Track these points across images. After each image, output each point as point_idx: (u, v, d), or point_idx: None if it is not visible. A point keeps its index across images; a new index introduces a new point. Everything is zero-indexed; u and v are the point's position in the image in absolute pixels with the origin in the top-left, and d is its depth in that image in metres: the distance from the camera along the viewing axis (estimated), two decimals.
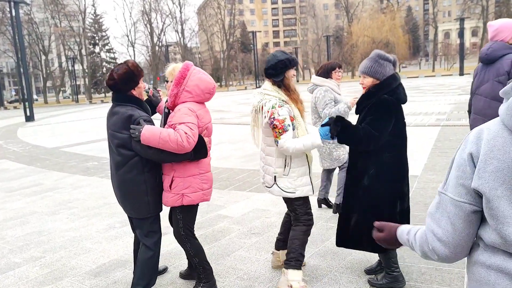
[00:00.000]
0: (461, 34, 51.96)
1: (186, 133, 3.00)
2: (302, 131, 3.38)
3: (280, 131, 3.25)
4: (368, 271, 3.71)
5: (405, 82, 3.43)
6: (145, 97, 3.48)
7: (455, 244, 1.38)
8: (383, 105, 3.20)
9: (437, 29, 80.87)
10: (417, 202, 5.39)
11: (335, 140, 3.31)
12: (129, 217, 3.44)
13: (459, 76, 46.80)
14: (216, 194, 6.51)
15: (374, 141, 3.15)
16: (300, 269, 3.47)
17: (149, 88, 3.61)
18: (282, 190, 3.42)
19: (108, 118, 3.24)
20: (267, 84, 3.43)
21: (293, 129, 3.33)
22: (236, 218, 5.42)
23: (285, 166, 3.39)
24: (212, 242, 4.63)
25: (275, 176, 3.42)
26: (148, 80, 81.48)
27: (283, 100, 3.32)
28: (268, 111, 3.28)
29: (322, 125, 3.24)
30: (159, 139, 2.97)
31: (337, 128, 3.17)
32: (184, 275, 3.85)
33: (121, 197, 3.27)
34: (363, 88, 3.36)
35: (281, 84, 3.37)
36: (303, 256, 3.51)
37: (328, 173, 5.48)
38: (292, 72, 3.41)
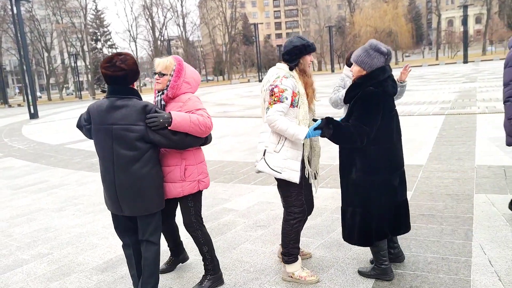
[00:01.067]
0: (464, 22, 51.45)
1: (208, 117, 3.23)
2: (303, 113, 3.32)
3: (275, 99, 3.20)
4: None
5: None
6: None
7: None
8: (370, 98, 3.16)
9: (440, 17, 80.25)
10: (423, 192, 5.37)
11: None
12: (125, 219, 3.24)
13: (463, 64, 46.48)
14: (221, 188, 6.52)
15: (366, 135, 3.13)
16: (296, 260, 3.50)
17: None
18: (269, 165, 3.32)
19: (108, 112, 2.99)
20: (280, 63, 3.44)
21: (294, 106, 3.27)
22: (241, 211, 5.43)
23: (278, 142, 3.31)
24: (217, 236, 4.64)
25: (265, 150, 3.35)
26: (150, 75, 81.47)
27: (291, 74, 3.31)
28: (274, 81, 3.27)
29: (315, 129, 3.16)
30: (189, 123, 3.06)
31: (330, 131, 3.11)
32: (163, 270, 3.86)
33: (133, 195, 3.04)
34: (352, 76, 3.38)
35: (296, 68, 3.36)
36: (298, 248, 3.53)
37: None
38: (308, 58, 3.38)
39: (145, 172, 3.04)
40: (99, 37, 68.46)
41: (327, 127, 3.12)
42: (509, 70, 3.67)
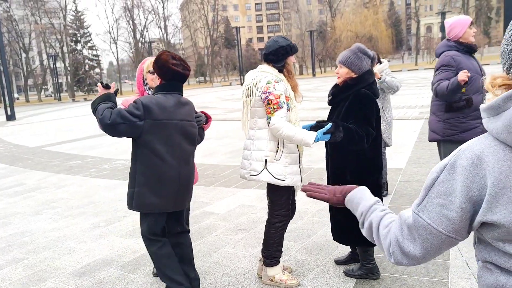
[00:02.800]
0: (442, 28, 52.43)
1: None
2: (294, 116, 3.31)
3: (274, 107, 3.14)
4: (338, 262, 3.80)
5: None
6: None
7: (422, 261, 1.27)
8: (368, 100, 3.22)
9: (419, 23, 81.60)
10: (402, 195, 5.43)
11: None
12: (171, 215, 3.26)
13: None
14: (202, 191, 6.48)
15: (370, 137, 3.20)
16: (278, 264, 3.50)
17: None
18: (273, 175, 3.27)
19: (176, 108, 3.06)
20: (264, 65, 3.35)
21: (287, 110, 3.24)
22: (222, 214, 5.40)
23: (277, 150, 3.27)
24: (198, 239, 4.61)
25: (266, 160, 3.28)
26: (131, 77, 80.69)
27: (280, 78, 3.26)
28: (263, 86, 3.19)
29: (324, 133, 3.13)
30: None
31: (341, 133, 3.11)
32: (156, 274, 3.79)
33: (190, 187, 3.28)
34: (338, 78, 3.38)
35: (282, 69, 3.32)
36: (280, 251, 3.52)
37: None
38: (292, 58, 3.36)
39: (193, 165, 3.34)
40: (79, 38, 67.52)
41: (338, 130, 3.11)
42: (440, 71, 4.23)
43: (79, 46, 66.62)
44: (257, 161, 3.32)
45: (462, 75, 3.96)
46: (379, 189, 3.42)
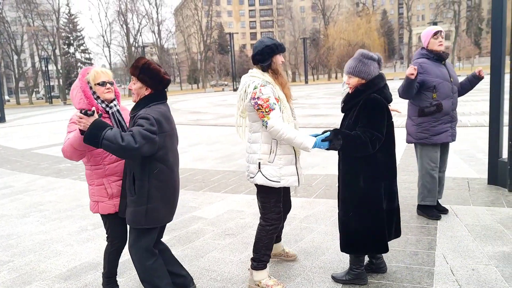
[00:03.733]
0: None
1: None
2: (287, 116, 3.30)
3: (266, 110, 3.15)
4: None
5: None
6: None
7: None
8: (377, 104, 3.22)
9: (411, 33, 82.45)
10: None
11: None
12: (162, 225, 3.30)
13: None
14: (191, 196, 6.47)
15: (378, 141, 3.18)
16: (265, 268, 3.51)
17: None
18: (266, 178, 3.30)
19: (171, 117, 3.11)
20: (254, 69, 3.40)
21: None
22: (211, 219, 5.39)
23: (270, 152, 3.29)
24: (186, 244, 4.60)
25: (259, 163, 3.31)
26: (124, 81, 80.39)
27: (266, 81, 3.27)
28: (251, 92, 3.22)
29: (322, 140, 3.15)
30: None
31: (339, 141, 3.12)
32: None
33: None
34: (350, 88, 3.39)
35: (268, 68, 3.33)
36: (269, 255, 3.52)
37: None
38: (280, 58, 3.37)
39: None
40: (72, 41, 67.23)
41: (336, 138, 3.11)
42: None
43: (71, 49, 66.33)
44: (253, 164, 3.37)
45: (409, 69, 4.48)
46: (394, 195, 3.42)
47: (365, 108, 3.21)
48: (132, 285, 3.75)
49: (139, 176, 2.96)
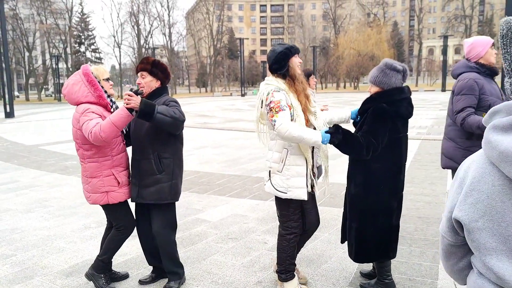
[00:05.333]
0: (444, 51, 52.96)
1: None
2: (299, 124, 3.19)
3: (276, 109, 3.09)
4: (363, 274, 3.80)
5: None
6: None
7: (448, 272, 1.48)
8: (380, 113, 3.18)
9: (421, 45, 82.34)
10: None
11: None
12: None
13: (441, 92, 47.54)
14: (196, 198, 6.47)
15: (373, 149, 3.14)
16: (294, 277, 3.45)
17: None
18: (274, 187, 3.29)
19: None
20: (270, 77, 3.34)
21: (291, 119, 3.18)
22: (214, 222, 5.39)
23: (280, 161, 3.25)
24: (188, 246, 4.59)
25: (269, 171, 3.32)
26: (133, 82, 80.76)
27: (280, 88, 3.21)
28: (265, 99, 3.21)
29: (326, 132, 3.13)
30: None
31: (339, 136, 3.09)
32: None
33: None
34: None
35: (287, 74, 3.26)
36: (294, 264, 3.47)
37: None
38: (296, 60, 3.30)
39: None
40: (83, 40, 67.75)
41: (337, 132, 3.09)
42: (464, 97, 3.86)
43: (82, 48, 66.81)
44: (266, 171, 3.39)
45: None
46: (389, 213, 3.31)
47: (371, 115, 3.20)
48: (133, 285, 3.74)
49: (165, 155, 3.40)
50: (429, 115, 19.78)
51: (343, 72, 66.23)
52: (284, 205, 3.35)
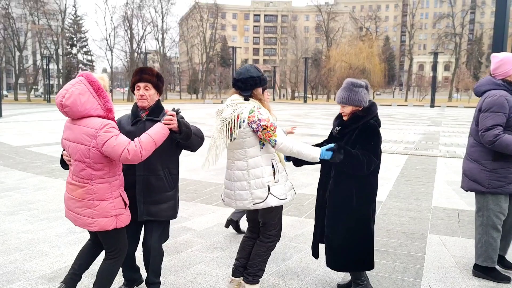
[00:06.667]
0: (434, 68, 53.81)
1: None
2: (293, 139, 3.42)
3: (272, 128, 3.19)
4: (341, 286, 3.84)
5: (379, 110, 3.58)
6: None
7: None
8: (374, 130, 3.39)
9: (412, 61, 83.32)
10: (380, 228, 5.47)
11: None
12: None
13: (430, 108, 48.19)
14: (182, 206, 6.42)
15: (373, 165, 3.34)
16: (258, 282, 3.50)
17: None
18: (278, 198, 3.33)
19: None
20: (235, 96, 3.38)
21: None
22: (200, 231, 5.38)
23: (274, 172, 3.36)
24: (173, 254, 4.58)
25: (268, 186, 3.30)
26: (124, 85, 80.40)
27: (260, 105, 3.35)
28: (248, 117, 3.21)
29: (327, 150, 3.28)
30: None
31: (340, 156, 3.25)
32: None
33: None
34: (344, 116, 3.52)
35: (248, 99, 3.35)
36: (263, 270, 3.52)
37: None
38: (260, 91, 3.40)
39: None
40: (75, 42, 67.46)
41: (339, 152, 3.25)
42: (493, 114, 3.71)
43: (74, 50, 66.54)
44: (259, 189, 3.31)
45: None
46: (370, 222, 3.50)
47: (365, 133, 3.37)
48: None
49: (174, 171, 3.38)
50: (417, 130, 19.98)
51: (334, 84, 66.59)
52: (274, 214, 3.44)
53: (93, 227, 3.01)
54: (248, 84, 3.33)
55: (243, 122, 3.22)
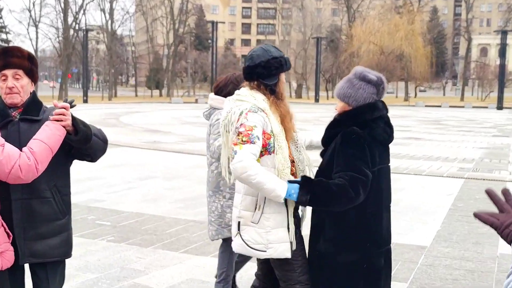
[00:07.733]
0: (502, 53, 53.49)
1: None
2: (282, 160, 3.28)
3: (243, 139, 3.13)
4: None
5: (423, 112, 3.53)
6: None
7: None
8: (354, 138, 3.24)
9: (470, 42, 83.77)
10: (422, 285, 5.47)
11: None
12: None
13: (497, 110, 48.12)
14: (135, 254, 6.42)
15: (362, 185, 3.16)
16: None
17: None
18: (246, 244, 3.29)
19: None
20: (243, 89, 3.41)
21: (270, 152, 3.25)
22: None
23: (255, 209, 3.27)
24: None
25: (239, 223, 3.31)
26: (55, 77, 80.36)
27: (259, 107, 3.26)
28: (235, 120, 3.22)
29: (290, 182, 3.20)
30: None
31: (303, 197, 3.14)
32: None
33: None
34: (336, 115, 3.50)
35: (273, 90, 3.36)
36: None
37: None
38: (284, 78, 3.44)
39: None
40: None
41: (303, 191, 3.14)
42: None
43: None
44: (234, 222, 3.37)
45: None
46: (373, 275, 3.37)
47: (340, 144, 3.26)
48: None
49: (65, 191, 3.33)
50: (477, 143, 20.11)
51: None
52: (285, 264, 3.37)
53: None
54: (273, 68, 3.33)
55: (232, 125, 3.26)
